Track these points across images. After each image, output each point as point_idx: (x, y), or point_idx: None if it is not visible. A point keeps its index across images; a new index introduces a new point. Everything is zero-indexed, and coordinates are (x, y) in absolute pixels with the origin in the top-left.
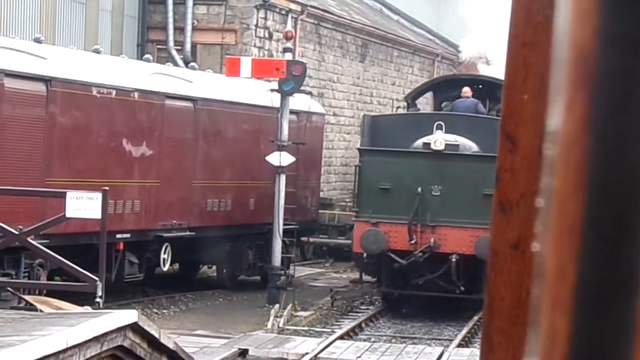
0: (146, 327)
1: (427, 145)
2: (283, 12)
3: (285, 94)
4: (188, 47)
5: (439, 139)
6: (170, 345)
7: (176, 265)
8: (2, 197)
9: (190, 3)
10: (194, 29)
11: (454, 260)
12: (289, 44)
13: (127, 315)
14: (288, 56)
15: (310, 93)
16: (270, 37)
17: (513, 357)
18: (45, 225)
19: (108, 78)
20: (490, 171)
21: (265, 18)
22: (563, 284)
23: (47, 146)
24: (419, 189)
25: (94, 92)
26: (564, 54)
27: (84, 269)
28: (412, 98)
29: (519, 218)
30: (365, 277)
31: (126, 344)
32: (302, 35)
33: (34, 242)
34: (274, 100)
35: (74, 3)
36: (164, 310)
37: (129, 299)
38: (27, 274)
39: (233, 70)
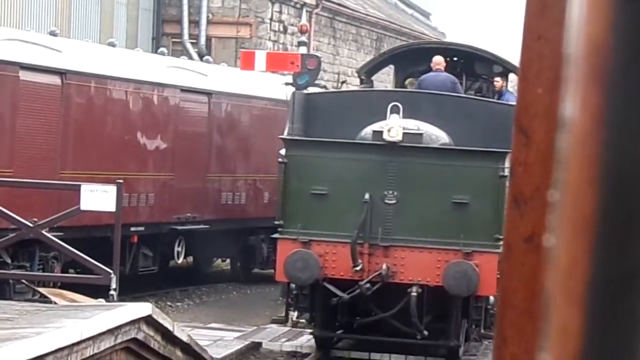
0: (160, 320)
1: (378, 134)
2: (298, 5)
3: (299, 88)
4: (203, 40)
5: (394, 127)
6: (184, 338)
7: (190, 258)
8: (16, 190)
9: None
10: (208, 22)
11: (414, 294)
12: (304, 38)
13: (141, 308)
14: (303, 50)
15: (324, 87)
16: (285, 30)
17: (526, 352)
18: (60, 217)
19: (123, 71)
20: (465, 171)
21: (280, 12)
22: (576, 279)
23: (61, 139)
24: (367, 196)
25: (109, 85)
26: (579, 47)
27: (98, 261)
28: (366, 73)
29: (533, 212)
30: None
31: (140, 336)
32: (317, 29)
33: (48, 235)
34: (289, 93)
35: None
36: (178, 303)
37: (143, 291)
38: (41, 267)
39: (248, 63)
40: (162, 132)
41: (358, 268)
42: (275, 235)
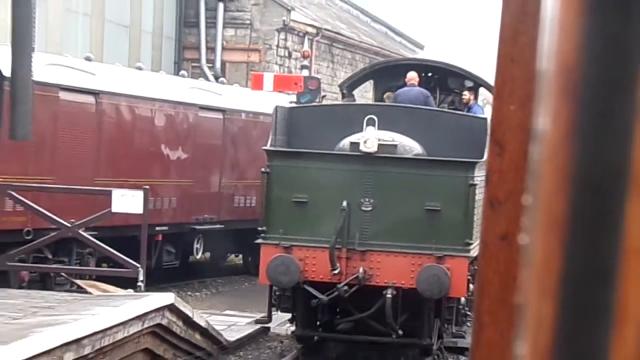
0: (181, 308)
1: (355, 145)
2: (301, 34)
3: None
4: (218, 64)
5: (370, 138)
6: (202, 323)
7: (207, 254)
8: (56, 195)
9: (220, 26)
10: (223, 49)
11: (389, 296)
12: (306, 62)
13: (165, 297)
14: (305, 72)
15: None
16: (290, 56)
17: (501, 336)
18: (94, 219)
19: (149, 91)
20: (436, 180)
21: (285, 39)
22: (549, 273)
23: (95, 150)
24: (345, 203)
25: (137, 104)
26: (551, 66)
27: (127, 257)
28: (348, 87)
29: (507, 214)
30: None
31: (164, 322)
32: (317, 54)
33: (84, 234)
34: None
35: (119, 26)
36: (197, 293)
37: (167, 283)
38: (78, 262)
39: (257, 84)
40: (183, 144)
41: (336, 271)
42: (259, 241)
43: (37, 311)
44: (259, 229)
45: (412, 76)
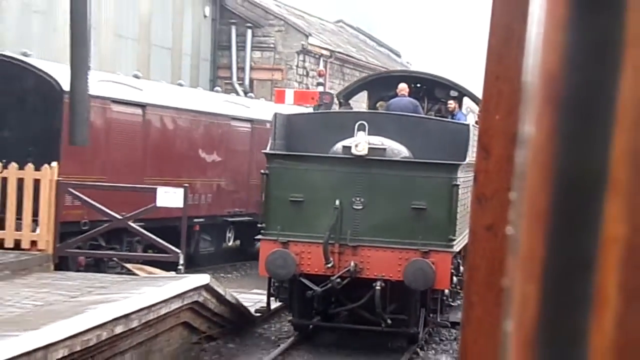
0: (215, 287)
1: (347, 149)
2: (317, 56)
3: None
4: (247, 82)
5: (361, 142)
6: (233, 301)
7: (238, 242)
8: (109, 192)
9: (248, 50)
10: (251, 68)
11: (378, 287)
12: (321, 80)
13: (202, 279)
14: (320, 88)
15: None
16: (307, 74)
17: (487, 312)
18: (142, 212)
19: (188, 104)
20: (422, 180)
21: (304, 60)
22: (533, 260)
23: (142, 154)
24: (338, 202)
25: (178, 115)
26: (536, 77)
27: (169, 244)
28: (344, 97)
29: (492, 208)
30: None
31: (200, 299)
32: (331, 73)
33: (133, 225)
34: None
35: (163, 49)
36: (229, 275)
37: (203, 266)
38: (128, 248)
39: (280, 98)
40: (217, 148)
41: (329, 265)
42: (258, 237)
43: (92, 290)
44: (259, 225)
45: (403, 87)
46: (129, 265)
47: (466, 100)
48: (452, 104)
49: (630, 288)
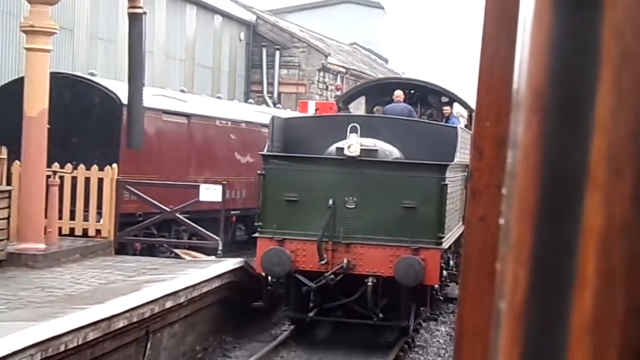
0: (248, 269)
1: (340, 150)
2: (334, 73)
3: None
4: (276, 95)
5: (353, 144)
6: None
7: None
8: (160, 188)
9: (277, 68)
10: (279, 83)
11: (370, 283)
12: (339, 93)
13: (237, 262)
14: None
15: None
16: (327, 88)
17: (480, 289)
18: (187, 205)
19: (226, 114)
20: (412, 180)
21: (324, 77)
22: (523, 247)
23: (187, 156)
24: (331, 201)
25: (217, 123)
26: (524, 90)
27: (210, 233)
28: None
29: (484, 201)
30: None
31: (236, 279)
32: (346, 87)
33: (180, 216)
34: None
35: (205, 68)
36: None
37: (239, 252)
38: (175, 236)
39: (303, 109)
40: (250, 151)
41: (323, 262)
42: (256, 235)
43: (146, 271)
44: (256, 224)
45: (399, 94)
46: (176, 250)
47: (456, 106)
48: (447, 109)
49: (605, 270)
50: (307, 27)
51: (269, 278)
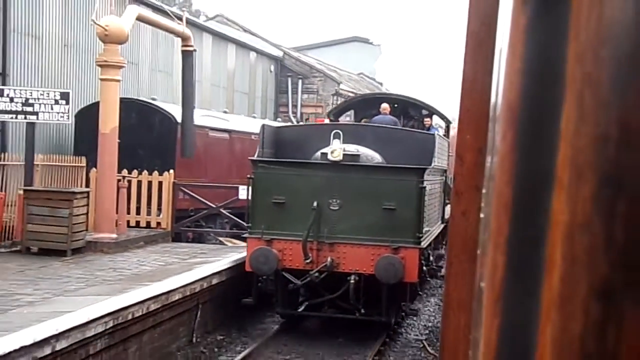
0: None
1: (324, 155)
2: (345, 97)
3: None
4: (299, 114)
5: (336, 149)
6: None
7: None
8: (208, 189)
9: (299, 93)
10: (301, 105)
11: (352, 281)
12: (349, 113)
13: None
14: (348, 119)
15: None
16: None
17: (462, 269)
18: (229, 202)
19: (259, 130)
20: (392, 183)
21: (337, 100)
22: (500, 236)
23: (229, 163)
24: (316, 203)
25: (252, 137)
26: (500, 106)
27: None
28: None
29: (465, 199)
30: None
31: None
32: None
33: (223, 211)
34: None
35: (242, 94)
36: None
37: None
38: (220, 227)
39: None
40: None
41: (308, 261)
42: (245, 235)
43: (196, 255)
44: (245, 225)
45: (385, 107)
46: (220, 238)
47: (435, 118)
48: (428, 120)
49: (569, 257)
50: (324, 61)
51: (258, 277)
